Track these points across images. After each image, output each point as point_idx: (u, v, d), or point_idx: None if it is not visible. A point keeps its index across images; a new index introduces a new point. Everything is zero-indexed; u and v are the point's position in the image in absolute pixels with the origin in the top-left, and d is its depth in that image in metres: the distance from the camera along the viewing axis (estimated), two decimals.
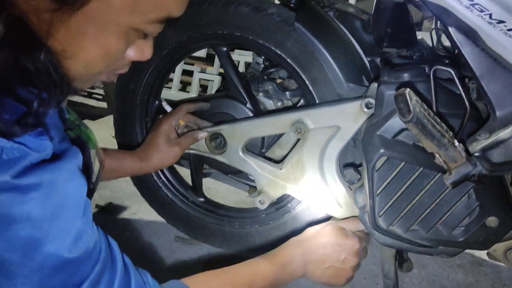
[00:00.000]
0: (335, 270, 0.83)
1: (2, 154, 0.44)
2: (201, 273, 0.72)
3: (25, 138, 0.46)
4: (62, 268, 0.49)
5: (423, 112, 0.66)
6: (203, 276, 0.72)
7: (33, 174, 0.46)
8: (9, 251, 0.45)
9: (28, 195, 0.45)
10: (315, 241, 0.84)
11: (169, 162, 1.03)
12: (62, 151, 0.51)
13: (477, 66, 0.69)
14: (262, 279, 0.76)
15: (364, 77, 0.96)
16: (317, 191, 1.01)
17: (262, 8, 0.99)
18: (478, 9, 0.66)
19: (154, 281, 0.63)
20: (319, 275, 0.83)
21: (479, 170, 0.69)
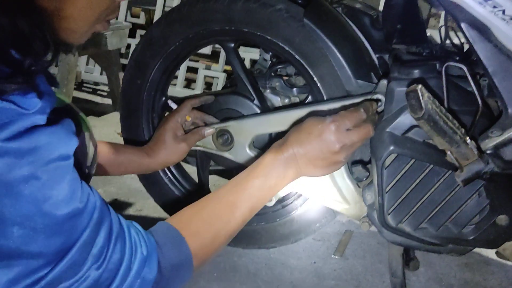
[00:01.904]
0: (323, 162, 0.77)
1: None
2: (184, 209, 0.72)
3: (14, 96, 0.47)
4: (63, 223, 0.51)
5: (435, 108, 0.65)
6: (186, 212, 0.71)
7: (28, 138, 0.47)
8: (12, 214, 0.47)
9: (25, 159, 0.47)
10: (293, 138, 0.78)
11: (176, 159, 1.03)
12: (56, 118, 0.52)
13: (490, 63, 0.68)
14: (247, 197, 0.74)
15: (373, 74, 0.96)
16: (325, 188, 1.00)
17: (270, 4, 0.98)
18: (491, 5, 0.66)
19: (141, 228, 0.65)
20: (313, 172, 0.79)
21: (491, 167, 0.68)
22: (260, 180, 0.75)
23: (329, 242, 1.30)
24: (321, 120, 0.77)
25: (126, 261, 0.58)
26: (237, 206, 0.73)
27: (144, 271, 0.60)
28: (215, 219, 0.71)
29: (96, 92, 2.69)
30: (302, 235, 1.12)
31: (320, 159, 0.77)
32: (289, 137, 0.79)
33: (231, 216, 0.72)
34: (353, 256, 1.24)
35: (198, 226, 0.70)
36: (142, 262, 0.59)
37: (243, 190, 0.75)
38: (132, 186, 1.55)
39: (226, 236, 0.72)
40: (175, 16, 1.07)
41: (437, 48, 0.90)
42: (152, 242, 0.63)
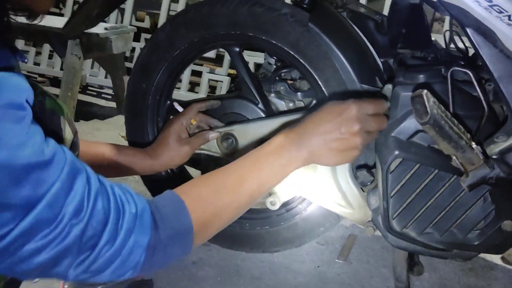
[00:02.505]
0: (339, 144, 0.74)
1: None
2: (191, 180, 0.70)
3: None
4: (26, 174, 0.49)
5: (441, 113, 0.65)
6: (192, 181, 0.69)
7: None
8: None
9: None
10: (309, 119, 0.75)
11: (179, 161, 1.03)
12: (6, 71, 0.51)
13: (495, 68, 0.68)
14: (256, 173, 0.71)
15: (378, 78, 0.96)
16: (329, 193, 1.00)
17: (276, 8, 0.99)
18: (496, 10, 0.66)
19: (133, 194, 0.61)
20: (326, 157, 0.75)
21: (497, 173, 0.68)
22: (271, 158, 0.72)
23: (333, 246, 1.30)
24: (343, 101, 0.75)
25: (113, 218, 0.55)
26: (246, 180, 0.70)
27: (136, 229, 0.57)
28: (222, 189, 0.68)
29: (101, 96, 2.70)
30: (306, 239, 1.12)
31: (337, 140, 0.73)
32: (306, 119, 0.76)
33: (238, 189, 0.69)
34: (357, 261, 1.24)
35: (202, 192, 0.67)
36: (132, 219, 0.57)
37: (252, 166, 0.72)
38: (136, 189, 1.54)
39: (231, 209, 0.68)
40: (180, 20, 1.07)
41: (442, 53, 0.90)
42: (142, 201, 0.60)
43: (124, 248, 0.56)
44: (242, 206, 0.70)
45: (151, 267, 0.60)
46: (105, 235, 0.54)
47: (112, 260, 0.56)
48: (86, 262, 0.54)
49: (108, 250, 0.55)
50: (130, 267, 0.58)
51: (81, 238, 0.53)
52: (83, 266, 0.54)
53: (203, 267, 1.19)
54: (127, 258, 0.57)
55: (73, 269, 0.54)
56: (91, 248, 0.54)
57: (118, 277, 0.58)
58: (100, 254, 0.55)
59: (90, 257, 0.54)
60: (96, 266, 0.55)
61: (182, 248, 0.63)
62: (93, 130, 2.13)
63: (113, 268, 0.56)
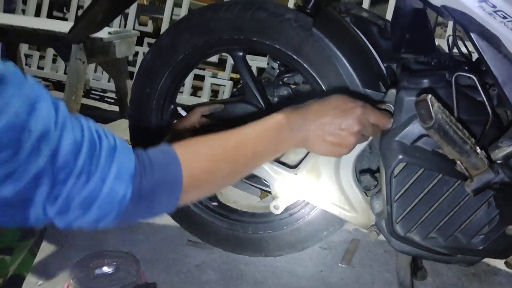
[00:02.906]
0: (334, 138, 0.76)
1: None
2: (189, 139, 0.67)
3: None
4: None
5: (445, 118, 0.65)
6: (190, 141, 0.66)
7: None
8: None
9: None
10: (315, 106, 0.76)
11: None
12: None
13: (500, 73, 0.69)
14: (253, 144, 0.71)
15: (381, 83, 0.96)
16: (332, 197, 1.00)
17: (279, 13, 0.99)
18: (501, 16, 0.66)
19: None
20: (318, 146, 0.76)
21: (501, 177, 0.68)
22: (271, 133, 0.72)
23: (336, 250, 1.30)
24: (352, 99, 0.77)
25: (87, 148, 0.51)
26: (243, 148, 0.70)
27: (117, 161, 0.53)
28: (218, 151, 0.67)
29: (104, 99, 2.71)
30: (309, 243, 1.12)
31: (334, 134, 0.75)
32: (312, 104, 0.76)
33: (234, 154, 0.68)
34: (360, 265, 1.24)
35: (199, 150, 0.65)
36: (110, 151, 0.53)
37: (252, 136, 0.71)
38: None
39: (223, 172, 0.67)
40: (184, 25, 1.08)
41: (446, 58, 0.90)
42: (122, 140, 0.57)
43: (105, 180, 0.52)
44: (234, 173, 0.69)
45: (138, 210, 0.56)
46: (78, 165, 0.50)
47: (93, 195, 0.51)
48: (62, 196, 0.49)
49: (86, 182, 0.50)
50: (115, 203, 0.53)
51: (52, 166, 0.48)
52: (59, 202, 0.50)
53: (206, 270, 1.19)
54: (109, 192, 0.52)
55: (49, 208, 0.49)
56: (64, 181, 0.49)
57: (104, 216, 0.53)
58: (76, 187, 0.50)
59: (65, 191, 0.49)
60: (75, 204, 0.50)
61: (169, 199, 0.59)
62: None
63: (97, 205, 0.52)
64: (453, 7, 0.68)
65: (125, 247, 1.25)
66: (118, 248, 1.24)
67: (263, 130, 0.72)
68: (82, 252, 1.20)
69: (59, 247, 1.24)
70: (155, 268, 1.18)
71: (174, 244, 1.29)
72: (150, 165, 0.57)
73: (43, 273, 1.14)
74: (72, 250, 1.23)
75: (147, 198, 0.56)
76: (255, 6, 1.01)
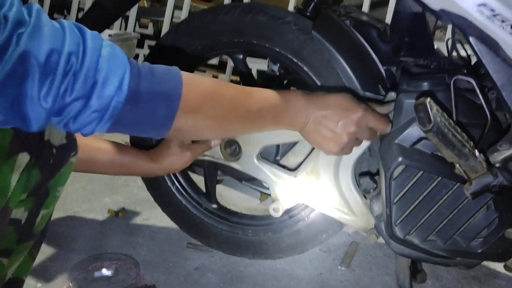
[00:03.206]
0: (328, 133, 0.78)
1: None
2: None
3: None
4: None
5: (444, 121, 0.66)
6: (201, 77, 0.67)
7: None
8: None
9: None
10: (321, 98, 0.79)
11: (179, 166, 1.03)
12: None
13: (498, 77, 0.69)
14: (261, 99, 0.72)
15: (380, 86, 0.96)
16: (332, 200, 1.00)
17: (279, 16, 1.00)
18: (499, 20, 0.66)
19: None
20: (312, 135, 0.79)
21: (500, 181, 0.68)
22: (279, 101, 0.74)
23: (335, 253, 1.30)
24: (356, 100, 0.79)
25: (70, 32, 0.50)
26: (251, 96, 0.71)
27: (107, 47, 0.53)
28: (225, 87, 0.68)
29: None
30: (309, 246, 1.12)
31: (329, 129, 0.78)
32: (318, 96, 0.79)
33: (241, 98, 0.69)
34: (360, 268, 1.24)
35: (206, 83, 0.66)
36: (95, 38, 0.53)
37: (262, 92, 0.73)
38: (139, 195, 1.56)
39: (225, 109, 0.67)
40: (185, 28, 1.08)
41: (445, 61, 0.91)
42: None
43: (99, 60, 0.52)
44: (234, 119, 0.69)
45: (134, 114, 0.56)
46: (66, 47, 0.50)
47: (88, 83, 0.51)
48: (55, 82, 0.49)
49: (80, 61, 0.51)
50: (111, 94, 0.53)
51: (32, 56, 0.48)
52: (54, 88, 0.50)
53: (205, 273, 1.19)
54: (104, 80, 0.52)
55: (44, 100, 0.49)
56: (54, 69, 0.49)
57: (104, 109, 0.53)
58: (67, 76, 0.50)
59: (57, 77, 0.49)
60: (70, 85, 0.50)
61: (166, 110, 0.59)
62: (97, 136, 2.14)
63: (95, 95, 0.52)
64: (451, 11, 0.68)
65: (124, 250, 1.25)
66: (117, 251, 1.24)
67: (273, 96, 0.74)
68: (81, 255, 1.20)
69: (58, 250, 1.24)
70: (155, 271, 1.18)
71: (174, 247, 1.29)
72: (151, 73, 0.58)
73: (42, 276, 1.14)
74: (71, 253, 1.23)
75: (143, 102, 0.56)
76: (255, 9, 1.01)
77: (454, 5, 0.68)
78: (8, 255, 0.69)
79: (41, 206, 0.71)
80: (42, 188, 0.69)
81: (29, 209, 0.69)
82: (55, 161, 0.69)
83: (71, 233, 1.31)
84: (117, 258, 1.19)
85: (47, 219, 0.75)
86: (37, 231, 0.73)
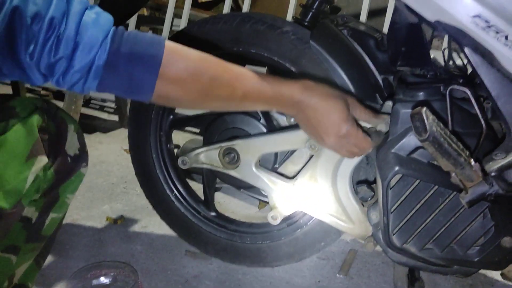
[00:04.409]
0: (315, 131, 0.81)
1: None
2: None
3: None
4: None
5: (440, 131, 0.66)
6: (187, 48, 0.69)
7: None
8: None
9: None
10: (316, 99, 0.79)
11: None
12: None
13: (493, 87, 0.70)
14: (249, 81, 0.73)
15: (378, 95, 0.97)
16: (330, 208, 1.01)
17: (278, 26, 1.01)
18: (494, 31, 0.67)
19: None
20: (302, 126, 0.82)
21: (496, 189, 0.69)
22: (268, 89, 0.75)
23: (333, 261, 1.30)
24: (345, 117, 0.80)
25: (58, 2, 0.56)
26: (238, 76, 0.72)
27: (92, 12, 0.58)
28: (211, 62, 0.70)
29: (103, 109, 2.72)
30: (307, 254, 1.12)
31: (316, 128, 0.80)
32: (318, 100, 0.79)
33: (225, 79, 0.70)
34: (358, 276, 1.24)
35: (192, 51, 0.68)
36: (82, 2, 0.58)
37: (250, 76, 0.73)
38: (138, 203, 1.56)
39: (209, 83, 0.68)
40: (183, 37, 1.09)
41: (441, 71, 0.92)
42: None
43: (81, 24, 0.57)
44: (213, 98, 0.71)
45: (116, 76, 0.60)
46: (50, 11, 0.55)
47: (70, 36, 0.57)
48: (39, 42, 0.55)
49: (64, 25, 0.56)
50: (96, 46, 0.58)
51: (21, 16, 0.54)
52: (38, 46, 0.55)
53: (203, 281, 1.19)
54: (90, 37, 0.58)
55: (32, 50, 0.55)
56: (37, 30, 0.55)
57: (88, 64, 0.58)
58: (51, 29, 0.55)
59: (41, 37, 0.55)
60: (54, 46, 0.56)
61: (146, 74, 0.62)
62: (96, 143, 2.15)
63: (80, 49, 0.57)
64: (447, 22, 0.69)
65: (123, 258, 1.25)
66: (116, 259, 1.24)
67: (264, 82, 0.75)
68: (80, 262, 1.20)
69: (56, 257, 1.24)
70: (153, 279, 1.18)
71: (172, 255, 1.29)
72: (134, 37, 0.61)
73: (41, 284, 1.14)
74: (69, 260, 1.22)
75: (124, 64, 0.60)
76: (253, 18, 1.02)
77: (449, 16, 0.69)
78: (16, 252, 0.71)
79: (50, 209, 0.75)
80: (53, 192, 0.73)
81: (40, 209, 0.72)
82: (68, 168, 0.74)
83: (70, 241, 1.31)
84: (115, 266, 1.19)
85: (56, 225, 0.78)
86: (45, 234, 0.76)
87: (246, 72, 0.74)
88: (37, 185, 0.66)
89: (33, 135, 0.65)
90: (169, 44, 0.65)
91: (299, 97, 0.78)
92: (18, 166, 0.63)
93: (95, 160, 1.88)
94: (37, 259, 0.79)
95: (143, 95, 0.64)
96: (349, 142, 0.81)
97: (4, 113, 0.65)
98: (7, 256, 0.71)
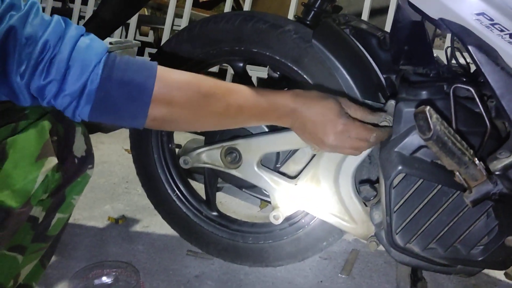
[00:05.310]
0: (314, 137, 0.81)
1: None
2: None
3: None
4: None
5: (444, 129, 0.66)
6: (180, 71, 0.69)
7: None
8: None
9: None
10: (309, 104, 0.79)
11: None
12: None
13: (497, 85, 0.69)
14: (241, 96, 0.73)
15: (380, 94, 0.97)
16: (332, 207, 1.00)
17: (280, 25, 1.00)
18: (498, 29, 0.67)
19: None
20: (301, 135, 0.82)
21: (500, 188, 0.69)
22: (262, 101, 0.75)
23: (335, 261, 1.30)
24: (339, 113, 0.79)
25: (56, 25, 0.57)
26: (230, 92, 0.72)
27: (86, 38, 0.60)
28: (205, 82, 0.70)
29: None
30: (309, 254, 1.12)
31: (314, 134, 0.79)
32: (311, 105, 0.79)
33: (218, 95, 0.70)
34: (360, 276, 1.24)
35: (184, 73, 0.68)
36: (77, 31, 0.59)
37: (242, 90, 0.73)
38: (140, 203, 1.56)
39: (202, 102, 0.68)
40: (185, 36, 1.09)
41: (444, 69, 0.91)
42: None
43: (74, 49, 0.58)
44: (207, 116, 0.71)
45: (107, 102, 0.60)
46: (46, 35, 0.56)
47: (63, 60, 0.57)
48: (31, 63, 0.56)
49: (58, 48, 0.57)
50: (87, 71, 0.58)
51: (16, 35, 0.54)
52: (30, 68, 0.56)
53: (205, 281, 1.18)
54: (83, 60, 0.58)
55: (23, 70, 0.55)
56: (31, 52, 0.55)
57: (78, 80, 0.58)
58: (45, 51, 0.56)
59: (33, 59, 0.56)
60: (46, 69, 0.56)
61: (138, 99, 0.63)
62: (97, 143, 2.14)
63: (72, 70, 0.57)
64: (450, 20, 0.69)
65: (124, 258, 1.25)
66: (117, 258, 1.24)
67: (256, 95, 0.75)
68: (82, 263, 1.20)
69: (58, 257, 1.23)
70: (155, 279, 1.18)
71: (174, 255, 1.28)
72: (126, 64, 0.62)
73: (42, 284, 1.13)
74: (71, 260, 1.22)
75: (116, 90, 0.61)
76: (255, 17, 1.02)
77: (453, 14, 0.69)
78: (22, 252, 0.72)
79: (57, 209, 0.76)
80: (60, 192, 0.74)
81: (46, 209, 0.73)
82: (75, 169, 0.76)
83: (72, 241, 1.31)
84: (117, 265, 1.19)
85: (62, 226, 0.78)
86: (51, 234, 0.77)
87: (238, 86, 0.75)
88: (45, 185, 0.67)
89: (43, 137, 0.65)
90: (161, 68, 0.65)
91: (292, 105, 0.78)
92: (28, 166, 0.63)
93: (96, 160, 1.86)
94: (42, 260, 0.79)
95: (137, 121, 0.65)
96: (349, 137, 0.80)
97: (14, 116, 0.66)
98: (14, 255, 0.71)
